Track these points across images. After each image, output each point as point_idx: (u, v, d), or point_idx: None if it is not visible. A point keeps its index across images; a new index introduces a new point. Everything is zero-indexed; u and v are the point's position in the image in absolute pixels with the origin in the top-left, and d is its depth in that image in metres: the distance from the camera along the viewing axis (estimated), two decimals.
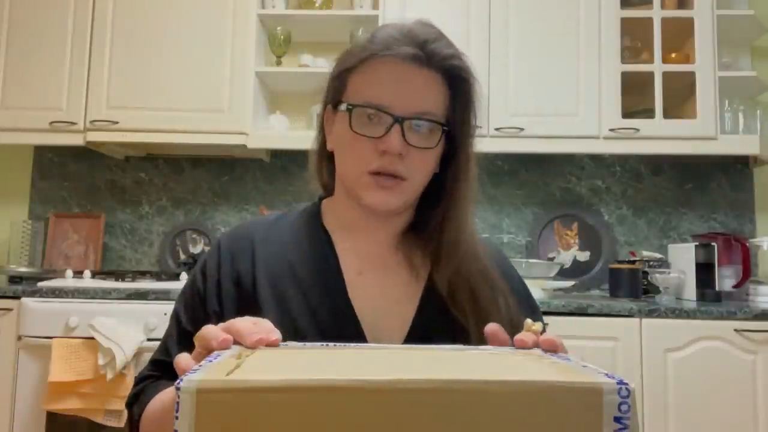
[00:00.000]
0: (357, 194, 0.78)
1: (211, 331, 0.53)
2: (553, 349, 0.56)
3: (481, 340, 0.71)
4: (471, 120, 0.81)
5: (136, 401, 0.77)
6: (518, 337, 0.57)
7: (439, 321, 0.76)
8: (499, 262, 0.86)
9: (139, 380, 0.81)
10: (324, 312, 0.76)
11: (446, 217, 0.81)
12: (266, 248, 0.81)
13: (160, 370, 0.81)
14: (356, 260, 0.81)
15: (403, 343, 0.76)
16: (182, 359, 0.54)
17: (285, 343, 0.54)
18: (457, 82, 0.79)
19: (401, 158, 0.75)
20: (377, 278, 0.80)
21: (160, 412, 0.70)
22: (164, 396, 0.71)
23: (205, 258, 0.85)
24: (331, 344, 0.55)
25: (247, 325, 0.54)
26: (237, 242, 0.83)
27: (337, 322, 0.76)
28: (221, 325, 0.55)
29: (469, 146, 0.82)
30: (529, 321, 0.61)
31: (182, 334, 0.80)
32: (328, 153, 0.84)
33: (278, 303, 0.76)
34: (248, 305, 0.76)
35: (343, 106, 0.79)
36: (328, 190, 0.89)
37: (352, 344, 0.56)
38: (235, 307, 0.78)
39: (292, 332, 0.73)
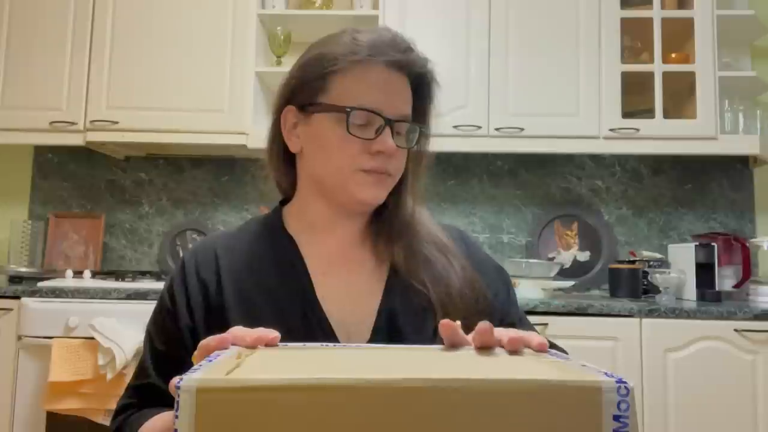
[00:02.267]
0: (347, 191, 0.80)
1: (210, 339, 0.53)
2: (517, 347, 0.52)
3: (444, 308, 0.77)
4: (430, 122, 0.88)
5: None
6: (478, 334, 0.53)
7: (404, 300, 0.79)
8: (462, 240, 0.91)
9: (119, 410, 0.81)
10: (292, 315, 0.77)
11: (398, 204, 0.86)
12: (230, 257, 0.82)
13: (139, 396, 0.81)
14: (320, 261, 0.83)
15: (372, 331, 0.78)
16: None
17: (284, 343, 0.54)
18: (423, 87, 0.85)
19: (389, 156, 0.80)
20: (342, 275, 0.82)
21: None
22: (153, 425, 0.71)
23: (171, 276, 0.85)
24: (330, 344, 0.55)
25: (243, 328, 0.55)
26: (200, 255, 0.84)
27: (307, 325, 0.77)
28: (218, 336, 0.55)
29: (427, 145, 0.88)
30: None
31: (157, 356, 0.81)
32: (287, 155, 0.86)
33: (245, 310, 0.77)
34: (216, 314, 0.78)
35: (317, 107, 0.81)
36: (287, 194, 0.90)
37: (353, 344, 0.56)
38: (203, 316, 0.79)
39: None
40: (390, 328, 0.77)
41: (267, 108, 2.55)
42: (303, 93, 0.82)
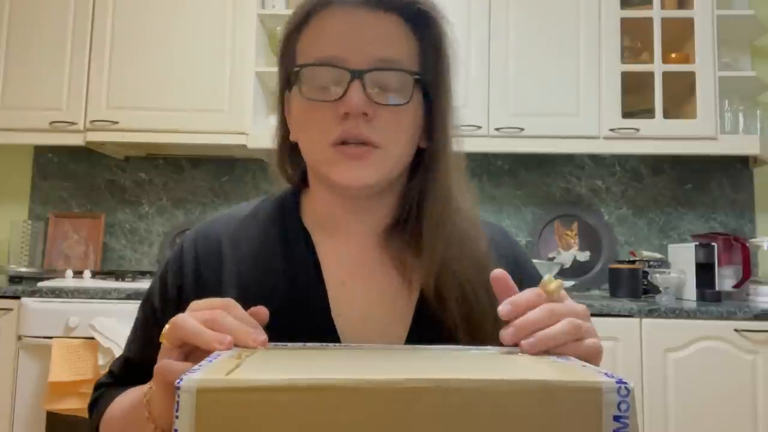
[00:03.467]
0: (326, 176, 0.65)
1: (206, 332, 0.49)
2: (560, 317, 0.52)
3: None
4: (444, 68, 0.68)
5: (95, 407, 0.72)
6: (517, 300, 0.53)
7: (433, 336, 0.62)
8: (506, 250, 0.75)
9: (97, 386, 0.76)
10: (302, 332, 0.59)
11: (425, 194, 0.68)
12: (235, 252, 0.70)
13: (118, 374, 0.75)
14: (338, 267, 0.69)
15: None
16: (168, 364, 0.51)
17: (285, 343, 0.54)
18: (422, 24, 0.67)
19: (368, 120, 0.62)
20: (362, 290, 0.68)
21: (120, 417, 0.65)
22: (123, 399, 0.66)
23: (166, 264, 0.73)
24: (331, 344, 0.55)
25: (233, 322, 0.50)
26: (201, 245, 0.71)
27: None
28: (205, 314, 0.51)
29: (445, 103, 0.68)
30: (547, 278, 0.55)
31: (134, 350, 0.74)
32: (291, 144, 0.72)
33: None
34: None
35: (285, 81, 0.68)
36: (295, 186, 0.76)
37: (353, 344, 0.56)
38: None
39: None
40: None
41: (267, 108, 2.55)
42: (282, 70, 0.71)
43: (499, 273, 0.57)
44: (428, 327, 0.65)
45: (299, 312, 0.65)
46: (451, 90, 0.69)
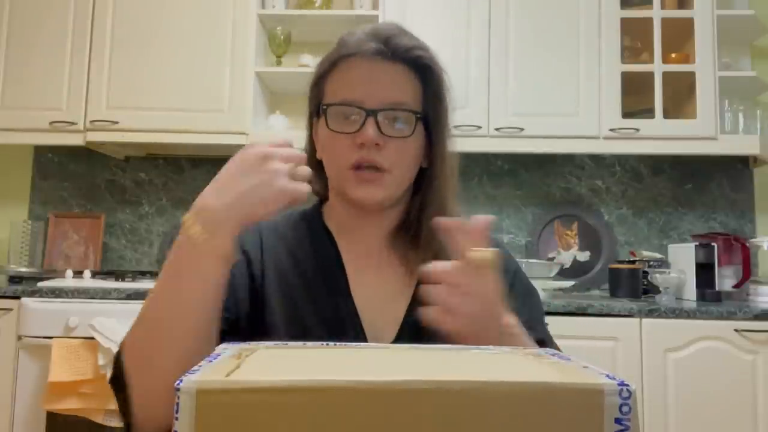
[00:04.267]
0: (344, 192, 0.82)
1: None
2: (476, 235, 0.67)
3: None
4: (442, 108, 0.85)
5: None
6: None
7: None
8: (507, 261, 0.87)
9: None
10: (327, 307, 0.80)
11: (424, 206, 0.85)
12: (273, 237, 0.85)
13: None
14: (355, 260, 0.85)
15: (394, 340, 0.79)
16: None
17: (285, 342, 0.54)
18: (424, 73, 0.84)
19: (379, 149, 0.79)
20: (373, 276, 0.84)
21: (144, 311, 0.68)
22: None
23: None
24: (331, 344, 0.55)
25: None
26: (243, 235, 0.81)
27: (339, 317, 0.80)
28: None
29: (443, 135, 0.85)
30: (473, 253, 0.66)
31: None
32: (317, 162, 0.87)
33: (283, 291, 0.81)
34: (256, 286, 0.81)
35: (314, 113, 0.85)
36: (321, 199, 0.93)
37: (353, 344, 0.56)
38: (246, 283, 0.80)
39: (297, 324, 0.79)
40: (413, 339, 0.75)
41: (267, 108, 2.55)
42: (312, 102, 0.87)
43: (441, 221, 0.71)
44: (422, 306, 0.77)
45: (325, 288, 0.82)
46: (447, 124, 0.86)
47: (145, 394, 0.66)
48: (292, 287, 0.81)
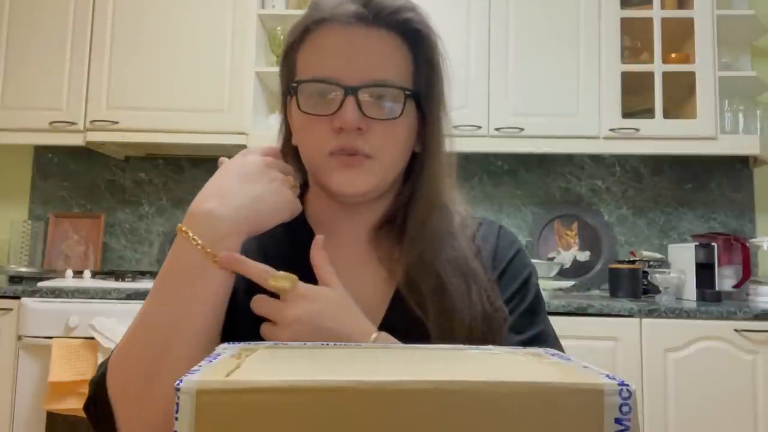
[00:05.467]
0: (323, 181, 0.70)
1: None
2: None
3: (441, 336, 0.65)
4: (435, 82, 0.72)
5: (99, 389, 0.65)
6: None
7: (404, 326, 0.67)
8: (492, 247, 0.77)
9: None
10: None
11: (414, 197, 0.72)
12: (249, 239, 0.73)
13: None
14: (335, 259, 0.71)
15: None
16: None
17: (284, 342, 0.54)
18: (414, 40, 0.69)
19: (361, 133, 0.66)
20: (348, 278, 0.70)
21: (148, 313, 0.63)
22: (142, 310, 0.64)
23: None
24: (331, 344, 0.55)
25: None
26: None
27: None
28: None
29: (437, 114, 0.73)
30: (279, 274, 0.62)
31: None
32: (294, 148, 0.74)
33: (251, 294, 0.67)
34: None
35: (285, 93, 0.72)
36: (302, 191, 0.80)
37: (353, 344, 0.56)
38: None
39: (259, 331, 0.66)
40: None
41: (267, 108, 2.55)
42: (284, 80, 0.74)
43: (223, 255, 0.62)
44: (401, 316, 0.69)
45: None
46: (443, 101, 0.73)
47: (138, 424, 0.60)
48: (260, 287, 0.65)
